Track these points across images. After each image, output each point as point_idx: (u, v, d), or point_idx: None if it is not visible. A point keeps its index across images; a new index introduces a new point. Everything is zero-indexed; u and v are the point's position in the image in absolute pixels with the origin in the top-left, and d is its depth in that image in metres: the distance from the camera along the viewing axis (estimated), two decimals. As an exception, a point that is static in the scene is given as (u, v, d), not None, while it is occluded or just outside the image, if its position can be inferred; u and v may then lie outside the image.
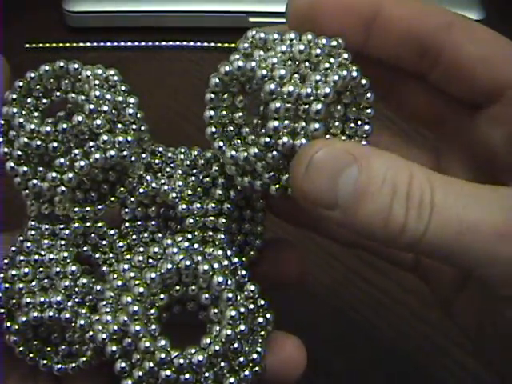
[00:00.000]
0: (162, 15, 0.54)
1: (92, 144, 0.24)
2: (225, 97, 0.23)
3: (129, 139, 0.24)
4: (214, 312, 0.23)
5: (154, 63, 0.53)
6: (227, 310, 0.23)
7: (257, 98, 0.23)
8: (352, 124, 0.24)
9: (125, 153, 0.24)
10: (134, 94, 0.25)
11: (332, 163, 0.20)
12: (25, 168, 0.24)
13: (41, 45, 0.53)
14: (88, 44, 0.54)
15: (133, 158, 0.25)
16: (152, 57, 0.54)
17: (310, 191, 0.21)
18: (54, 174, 0.24)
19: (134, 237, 0.26)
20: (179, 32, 0.55)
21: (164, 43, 0.54)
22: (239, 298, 0.23)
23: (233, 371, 0.23)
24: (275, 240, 0.29)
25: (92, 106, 0.24)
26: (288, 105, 0.22)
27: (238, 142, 0.24)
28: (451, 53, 0.23)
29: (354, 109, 0.24)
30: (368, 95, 0.23)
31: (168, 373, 0.22)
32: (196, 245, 0.25)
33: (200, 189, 0.26)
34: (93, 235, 0.26)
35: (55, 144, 0.24)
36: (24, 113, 0.24)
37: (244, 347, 0.23)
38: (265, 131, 0.22)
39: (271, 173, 0.23)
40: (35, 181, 0.24)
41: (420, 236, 0.20)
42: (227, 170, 0.24)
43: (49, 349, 0.25)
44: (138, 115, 0.25)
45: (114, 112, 0.24)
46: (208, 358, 0.22)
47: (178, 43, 0.54)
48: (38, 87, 0.25)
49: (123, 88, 0.25)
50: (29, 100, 0.25)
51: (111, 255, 0.26)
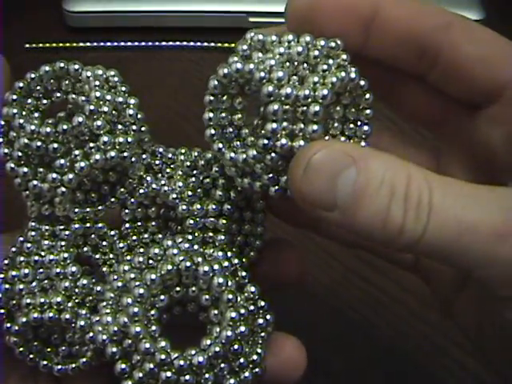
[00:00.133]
0: (162, 15, 0.54)
1: (92, 145, 0.24)
2: (224, 99, 0.23)
3: (129, 140, 0.24)
4: (214, 313, 0.23)
5: (154, 63, 0.53)
6: (227, 312, 0.23)
7: (257, 99, 0.23)
8: (351, 125, 0.24)
9: (125, 154, 0.24)
10: (135, 95, 0.25)
11: (330, 165, 0.20)
12: (25, 169, 0.24)
13: (41, 45, 0.53)
14: (88, 44, 0.54)
15: (133, 159, 0.25)
16: (152, 57, 0.54)
17: (309, 193, 0.21)
18: (55, 175, 0.24)
19: (135, 237, 0.26)
20: (179, 32, 0.55)
21: (164, 43, 0.54)
22: (239, 300, 0.23)
23: (233, 372, 0.23)
24: (275, 240, 0.29)
25: (92, 107, 0.24)
26: (286, 107, 0.22)
27: (238, 144, 0.24)
28: (450, 53, 0.23)
29: (353, 110, 0.24)
30: (367, 96, 0.23)
31: (168, 374, 0.22)
32: (196, 246, 0.25)
33: (200, 190, 0.26)
34: (93, 236, 0.26)
35: (55, 145, 0.24)
36: (24, 113, 0.24)
37: (244, 348, 0.23)
38: (263, 133, 0.22)
39: (270, 174, 0.23)
40: (35, 182, 0.24)
41: (418, 237, 0.20)
42: (227, 171, 0.24)
43: (49, 349, 0.25)
44: (139, 116, 0.25)
45: (115, 113, 0.24)
46: (208, 359, 0.22)
47: (178, 43, 0.54)
48: (39, 88, 0.25)
49: (123, 89, 0.25)
50: (29, 101, 0.25)
51: (111, 256, 0.26)
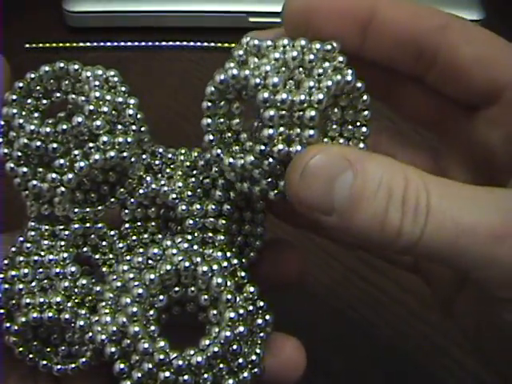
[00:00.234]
0: (162, 15, 0.54)
1: (92, 145, 0.24)
2: (221, 104, 0.23)
3: (129, 140, 0.24)
4: (213, 313, 0.23)
5: (154, 63, 0.53)
6: (226, 312, 0.23)
7: (255, 103, 0.23)
8: (350, 126, 0.24)
9: (124, 154, 0.24)
10: (134, 95, 0.25)
11: (327, 169, 0.20)
12: (24, 169, 0.24)
13: (41, 45, 0.53)
14: (88, 44, 0.54)
15: (133, 159, 0.25)
16: (152, 57, 0.54)
17: (306, 197, 0.21)
18: (54, 175, 0.24)
19: (134, 238, 0.26)
20: (179, 32, 0.55)
21: (164, 43, 0.54)
22: (238, 300, 0.23)
23: (232, 373, 0.23)
24: (275, 240, 0.29)
25: (92, 107, 0.24)
26: (282, 112, 0.22)
27: (236, 149, 0.24)
28: (447, 54, 0.23)
29: (351, 111, 0.24)
30: (364, 98, 0.23)
31: (167, 374, 0.22)
32: (195, 246, 0.25)
33: (200, 190, 0.26)
34: (93, 236, 0.26)
35: (55, 145, 0.24)
36: (24, 114, 0.24)
37: (243, 349, 0.23)
38: (260, 139, 0.22)
39: (269, 179, 0.23)
40: (35, 181, 0.24)
41: (416, 239, 0.20)
42: (227, 176, 0.24)
43: (48, 349, 0.25)
44: (138, 116, 0.25)
45: (114, 113, 0.24)
46: (207, 360, 0.22)
47: (178, 43, 0.54)
48: (38, 88, 0.25)
49: (123, 89, 0.25)
50: (29, 101, 0.25)
51: (111, 256, 0.26)
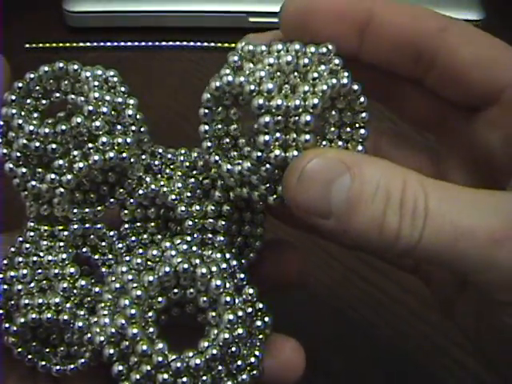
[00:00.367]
0: (162, 15, 0.54)
1: (91, 145, 0.24)
2: (219, 110, 0.23)
3: (128, 141, 0.24)
4: (212, 315, 0.23)
5: (154, 63, 0.53)
6: (225, 314, 0.23)
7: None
8: (348, 129, 0.24)
9: (124, 154, 0.24)
10: (134, 96, 0.25)
11: (324, 173, 0.20)
12: (24, 169, 0.24)
13: (41, 45, 0.53)
14: (88, 44, 0.54)
15: (132, 160, 0.25)
16: (152, 57, 0.54)
17: (303, 201, 0.21)
18: (53, 176, 0.24)
19: (134, 238, 0.26)
20: (179, 32, 0.55)
21: (164, 43, 0.54)
22: (237, 302, 0.23)
23: (230, 375, 0.23)
24: (276, 241, 0.29)
25: (91, 108, 0.24)
26: (278, 118, 0.21)
27: (235, 154, 0.24)
28: (446, 57, 0.23)
29: (349, 113, 0.24)
30: (361, 100, 0.23)
31: (165, 376, 0.22)
32: (194, 247, 0.24)
33: (199, 190, 0.26)
34: (92, 236, 0.26)
35: (54, 145, 0.24)
36: (23, 114, 0.24)
37: (242, 351, 0.23)
38: (256, 146, 0.22)
39: (267, 184, 0.23)
40: (34, 182, 0.24)
41: (415, 243, 0.20)
42: (226, 181, 0.24)
43: (47, 350, 0.25)
44: (138, 116, 0.25)
45: (114, 113, 0.24)
46: (205, 362, 0.22)
47: (178, 43, 0.54)
48: (38, 88, 0.25)
49: (123, 89, 0.25)
50: (28, 101, 0.25)
51: (110, 256, 0.26)
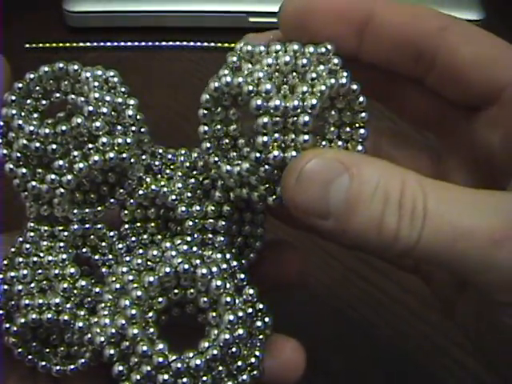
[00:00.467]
0: (162, 15, 0.54)
1: (91, 146, 0.24)
2: (218, 111, 0.23)
3: (128, 141, 0.24)
4: (213, 316, 0.23)
5: (154, 63, 0.53)
6: (225, 314, 0.23)
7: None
8: (348, 128, 0.24)
9: (124, 155, 0.24)
10: (134, 96, 0.25)
11: (323, 173, 0.20)
12: (24, 170, 0.24)
13: (41, 45, 0.53)
14: (88, 44, 0.54)
15: (132, 160, 0.25)
16: (152, 57, 0.54)
17: (302, 201, 0.21)
18: (53, 176, 0.24)
19: (134, 238, 0.26)
20: (179, 32, 0.55)
21: (164, 43, 0.54)
22: (238, 302, 0.23)
23: (231, 375, 0.23)
24: (276, 241, 0.29)
25: (91, 108, 0.24)
26: (276, 118, 0.21)
27: (234, 155, 0.24)
28: (446, 56, 0.23)
29: (349, 113, 0.24)
30: (360, 99, 0.23)
31: (166, 377, 0.22)
32: (195, 248, 0.24)
33: (200, 191, 0.26)
34: (92, 237, 0.26)
35: (54, 146, 0.24)
36: (23, 114, 0.24)
37: (242, 351, 0.23)
38: (255, 146, 0.22)
39: (267, 185, 0.23)
40: (34, 183, 0.24)
41: (414, 243, 0.20)
42: (226, 182, 0.24)
43: (48, 350, 0.25)
44: (138, 117, 0.25)
45: (114, 114, 0.24)
46: (206, 362, 0.22)
47: (178, 43, 0.54)
48: (38, 88, 0.25)
49: (123, 89, 0.25)
50: (28, 101, 0.25)
51: (110, 256, 0.26)
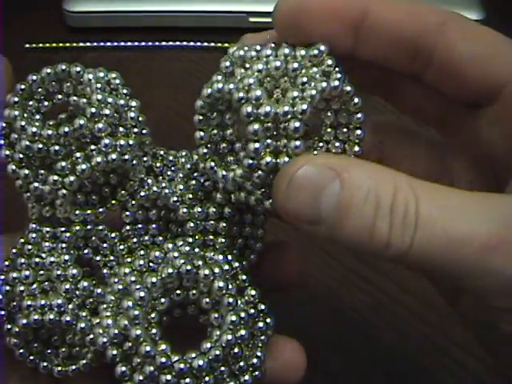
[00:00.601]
0: (162, 15, 0.54)
1: (93, 147, 0.24)
2: (214, 116, 0.23)
3: (130, 143, 0.24)
4: (215, 316, 0.23)
5: (154, 63, 0.53)
6: (228, 315, 0.23)
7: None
8: (344, 129, 0.24)
9: (126, 156, 0.24)
10: (136, 98, 0.25)
11: (314, 179, 0.20)
12: (26, 171, 0.24)
13: (41, 45, 0.53)
14: (88, 44, 0.54)
15: (134, 162, 0.25)
16: (152, 57, 0.54)
17: (293, 208, 0.21)
18: (56, 177, 0.24)
19: (135, 240, 0.26)
20: (179, 32, 0.55)
21: (164, 43, 0.54)
22: (240, 303, 0.23)
23: (233, 376, 0.23)
24: (276, 242, 0.29)
25: (94, 110, 0.24)
26: (268, 124, 0.21)
27: (231, 159, 0.24)
28: (444, 52, 0.23)
29: (345, 114, 0.23)
30: (355, 101, 0.23)
31: (168, 377, 0.22)
32: (197, 249, 0.25)
33: (201, 192, 0.26)
34: (94, 238, 0.26)
35: (57, 147, 0.24)
36: (26, 116, 0.24)
37: (244, 352, 0.23)
38: (247, 153, 0.22)
39: (262, 189, 0.23)
40: (36, 184, 0.24)
41: (406, 248, 0.19)
42: (224, 186, 0.24)
43: (49, 351, 0.25)
44: (140, 118, 0.25)
45: (116, 115, 0.24)
46: (208, 363, 0.22)
47: (178, 43, 0.54)
48: (40, 90, 0.25)
49: (125, 91, 0.25)
50: (30, 103, 0.25)
51: (112, 258, 0.26)
